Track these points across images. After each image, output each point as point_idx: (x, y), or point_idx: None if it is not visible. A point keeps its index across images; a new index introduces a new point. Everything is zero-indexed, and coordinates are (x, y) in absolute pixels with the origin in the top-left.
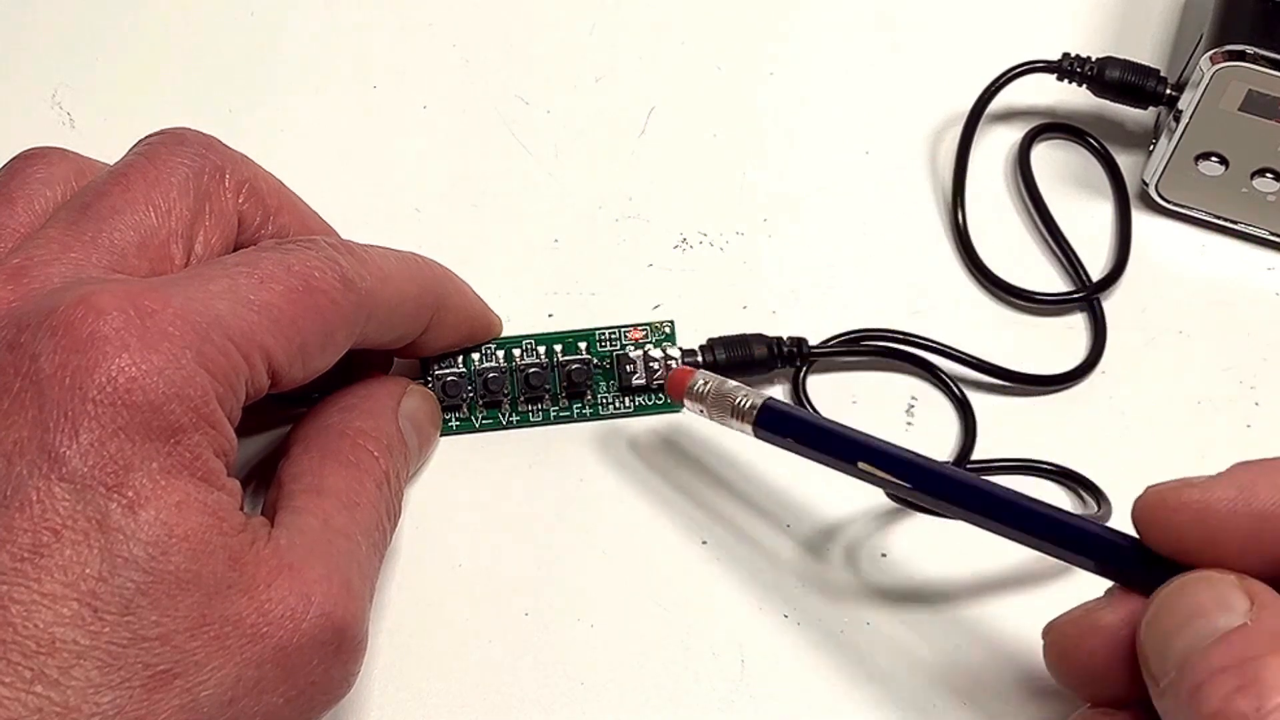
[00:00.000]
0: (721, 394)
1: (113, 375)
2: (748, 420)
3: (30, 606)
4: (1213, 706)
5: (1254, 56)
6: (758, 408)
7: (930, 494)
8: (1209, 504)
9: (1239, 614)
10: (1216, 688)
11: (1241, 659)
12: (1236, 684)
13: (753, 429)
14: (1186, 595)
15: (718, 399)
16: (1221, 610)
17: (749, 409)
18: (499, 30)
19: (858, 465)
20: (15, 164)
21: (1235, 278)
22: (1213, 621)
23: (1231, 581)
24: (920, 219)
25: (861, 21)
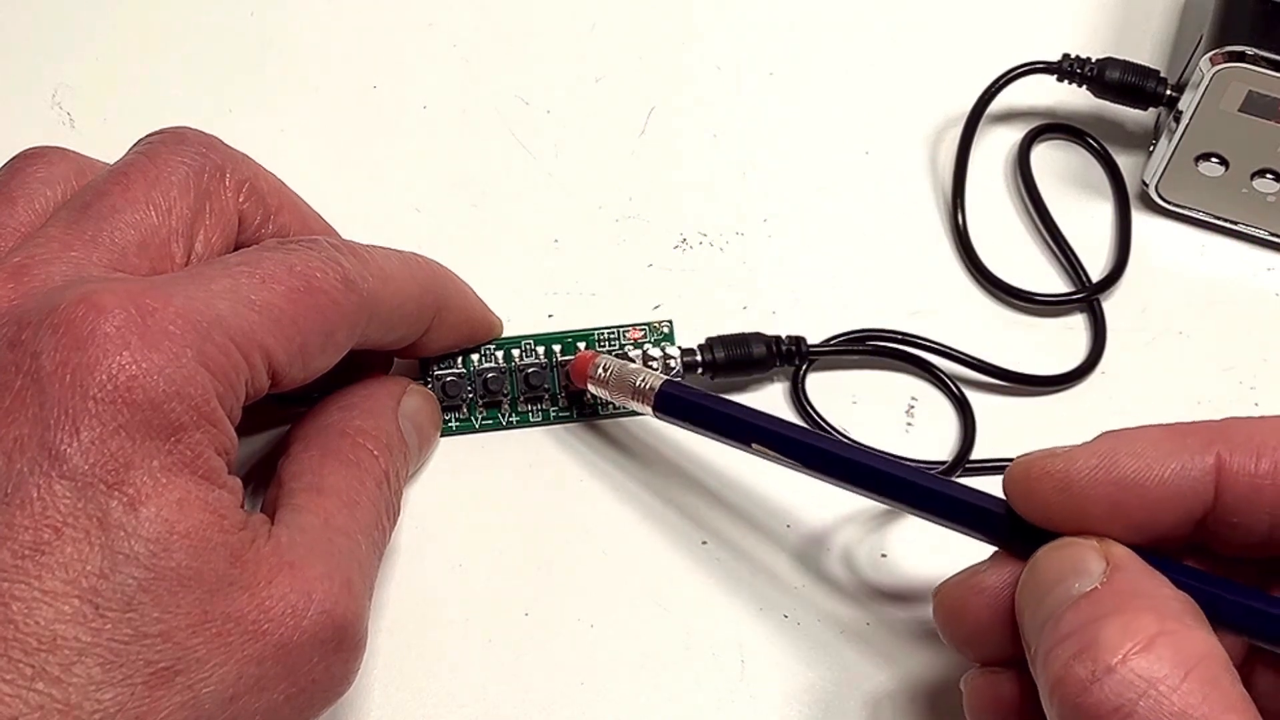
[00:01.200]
0: (622, 377)
1: (114, 373)
2: (648, 402)
3: (31, 604)
4: (1055, 674)
5: (1254, 57)
6: (656, 390)
7: (818, 470)
8: (1070, 473)
9: (1094, 576)
10: (1059, 654)
11: (1084, 623)
12: (1076, 649)
13: (652, 410)
14: (1049, 562)
15: (619, 382)
16: (1077, 575)
17: (648, 390)
18: (499, 30)
19: (751, 446)
20: (16, 163)
21: (1235, 278)
22: (1068, 587)
23: (1091, 545)
24: (920, 219)
25: (861, 22)
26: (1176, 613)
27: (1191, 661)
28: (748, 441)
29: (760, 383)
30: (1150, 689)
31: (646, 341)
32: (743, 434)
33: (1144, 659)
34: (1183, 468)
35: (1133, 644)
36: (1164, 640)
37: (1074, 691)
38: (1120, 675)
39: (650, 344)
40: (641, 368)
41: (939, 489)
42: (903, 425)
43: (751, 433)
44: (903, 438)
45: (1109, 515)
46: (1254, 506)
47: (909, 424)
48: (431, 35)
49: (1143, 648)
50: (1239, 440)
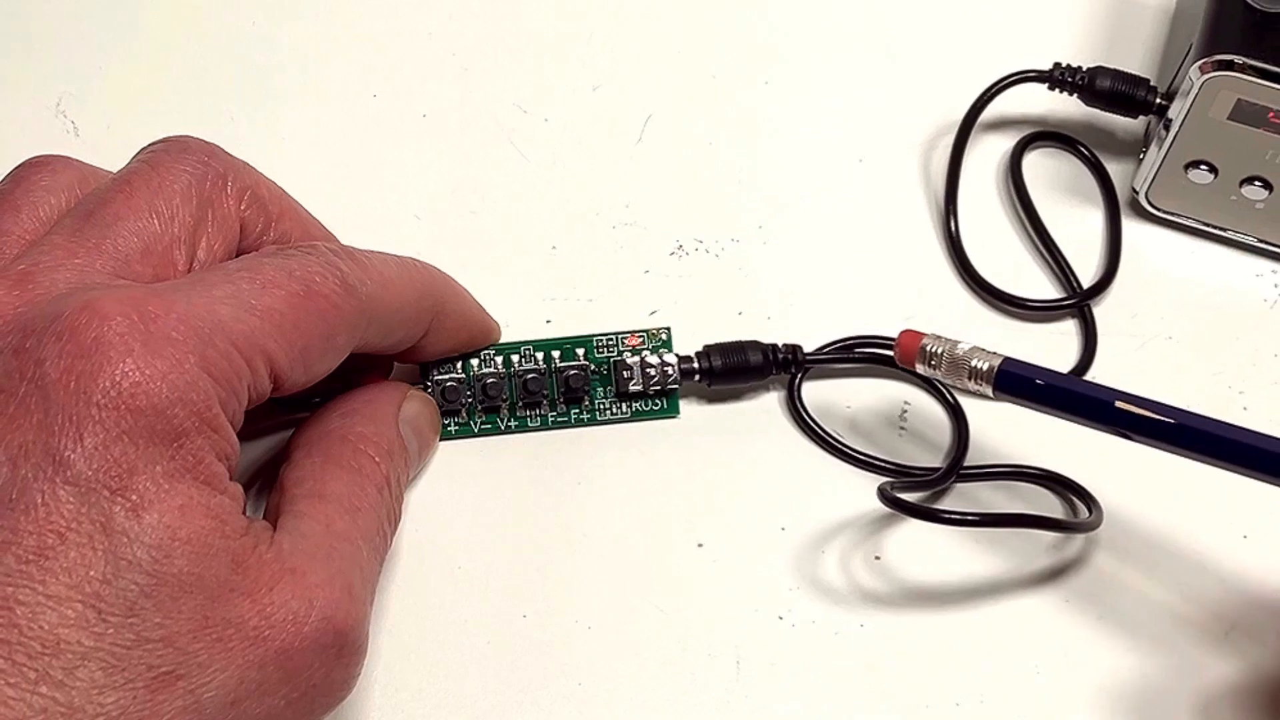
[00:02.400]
0: (954, 358)
1: (117, 380)
2: (987, 382)
3: (35, 608)
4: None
5: (1243, 66)
6: (995, 370)
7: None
8: None
9: None
10: None
11: None
12: None
13: (993, 390)
14: None
15: (951, 363)
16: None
17: (987, 371)
18: (498, 39)
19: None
20: (20, 171)
21: (1224, 284)
22: None
23: None
24: (913, 226)
25: (855, 31)
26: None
27: None
28: (1106, 420)
29: (757, 390)
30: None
31: (644, 348)
32: (1096, 412)
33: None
34: None
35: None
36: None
37: None
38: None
39: (648, 351)
40: (974, 347)
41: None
42: (896, 431)
43: (1106, 412)
44: (896, 444)
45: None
46: None
47: (902, 429)
48: (431, 45)
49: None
50: None
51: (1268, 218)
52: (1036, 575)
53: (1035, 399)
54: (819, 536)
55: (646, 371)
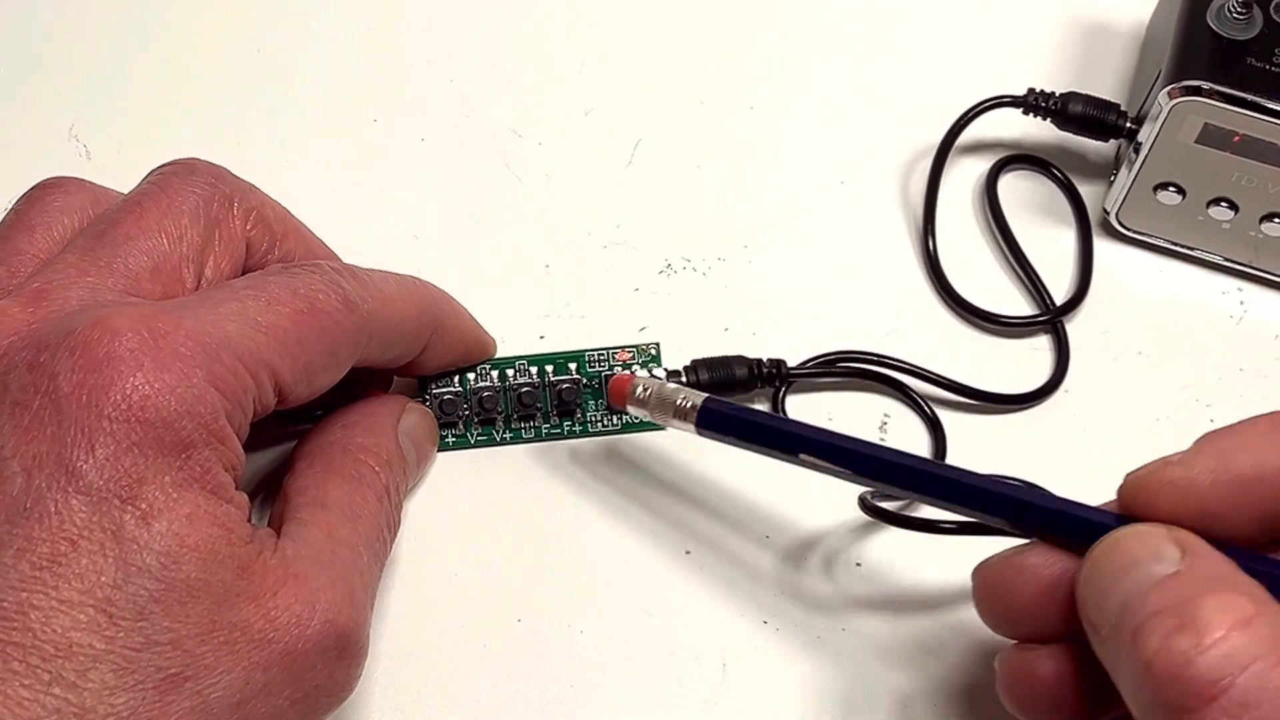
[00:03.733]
0: (662, 397)
1: (127, 393)
2: (690, 420)
3: (49, 613)
4: (1154, 646)
5: (1209, 91)
6: (699, 408)
7: (866, 477)
8: (1191, 479)
9: (1171, 562)
10: (1156, 627)
11: (1178, 601)
12: (1175, 623)
13: (695, 428)
14: (1121, 548)
15: (659, 402)
16: (1155, 559)
17: (690, 409)
18: (493, 67)
19: (799, 456)
20: (34, 193)
21: (1192, 301)
22: (1149, 569)
23: (1162, 533)
24: (893, 245)
25: (836, 59)
26: (1263, 597)
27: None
28: (795, 453)
29: (742, 403)
30: (1251, 663)
31: (635, 363)
32: (789, 445)
33: (1243, 635)
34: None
35: (1232, 620)
36: (1260, 620)
37: (1176, 663)
38: (1222, 649)
39: (638, 365)
40: (680, 386)
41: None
42: (876, 442)
43: (798, 444)
44: None
45: (1234, 512)
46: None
47: (882, 440)
48: (429, 71)
49: (1241, 626)
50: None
51: (1233, 237)
52: None
53: (734, 436)
54: (802, 544)
55: None
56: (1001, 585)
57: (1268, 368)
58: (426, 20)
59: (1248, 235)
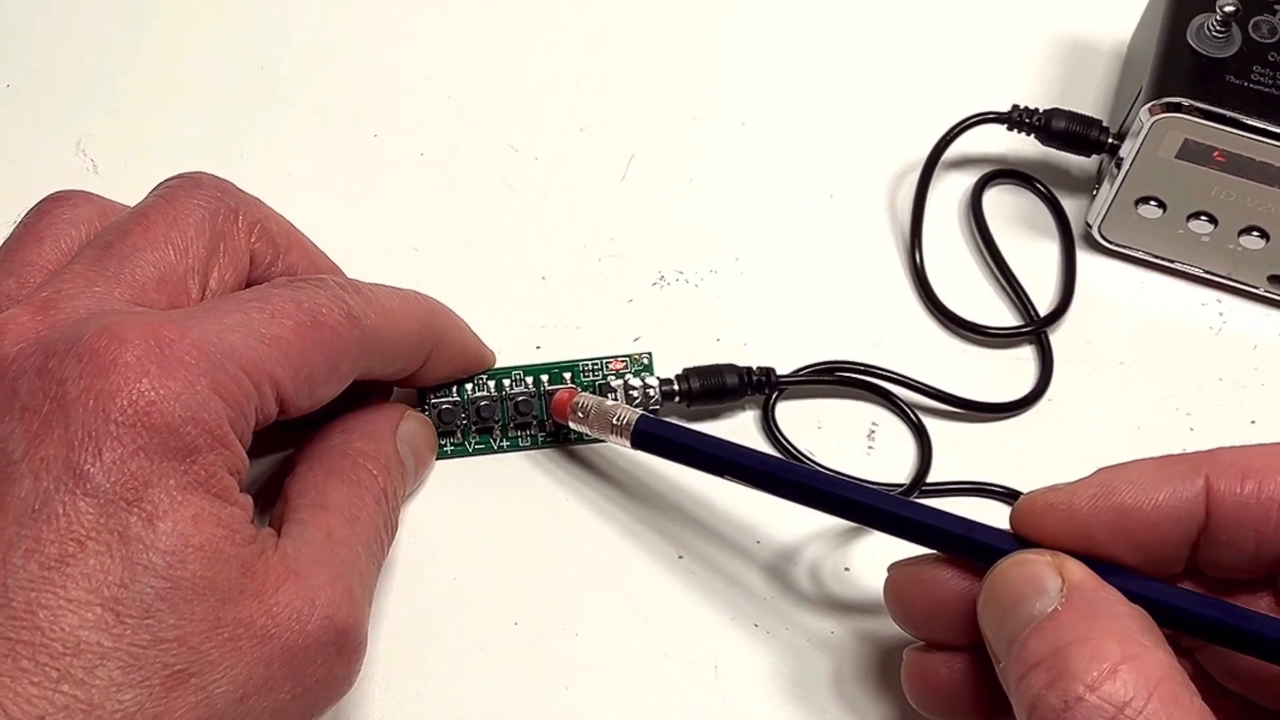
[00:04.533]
0: (600, 413)
1: (134, 399)
2: (625, 436)
3: (57, 611)
4: (1029, 701)
5: (1189, 108)
6: (633, 424)
7: (783, 494)
8: (1073, 504)
9: (1053, 596)
10: (1032, 683)
11: (1052, 650)
12: (1047, 679)
13: (630, 444)
14: (1009, 579)
15: (598, 418)
16: (1037, 594)
17: (625, 425)
18: (491, 83)
19: (725, 476)
20: (43, 205)
21: (1172, 313)
22: (1030, 607)
23: (1045, 562)
24: (881, 258)
25: (826, 76)
26: (1135, 633)
27: (1154, 683)
28: (719, 472)
29: (733, 410)
30: (1119, 713)
31: (628, 372)
32: (712, 465)
33: (1111, 684)
34: (1174, 491)
35: (1099, 671)
36: (1127, 665)
37: (1049, 718)
38: (1090, 702)
39: (631, 374)
40: (618, 404)
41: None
42: (864, 450)
43: (720, 464)
44: (864, 462)
45: (1111, 539)
46: (1241, 525)
47: (870, 448)
48: (428, 88)
49: (1109, 674)
50: (1224, 465)
51: (1212, 250)
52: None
53: (665, 453)
54: (791, 549)
55: (630, 394)
56: (908, 591)
57: (1246, 377)
58: (425, 38)
59: (1226, 248)
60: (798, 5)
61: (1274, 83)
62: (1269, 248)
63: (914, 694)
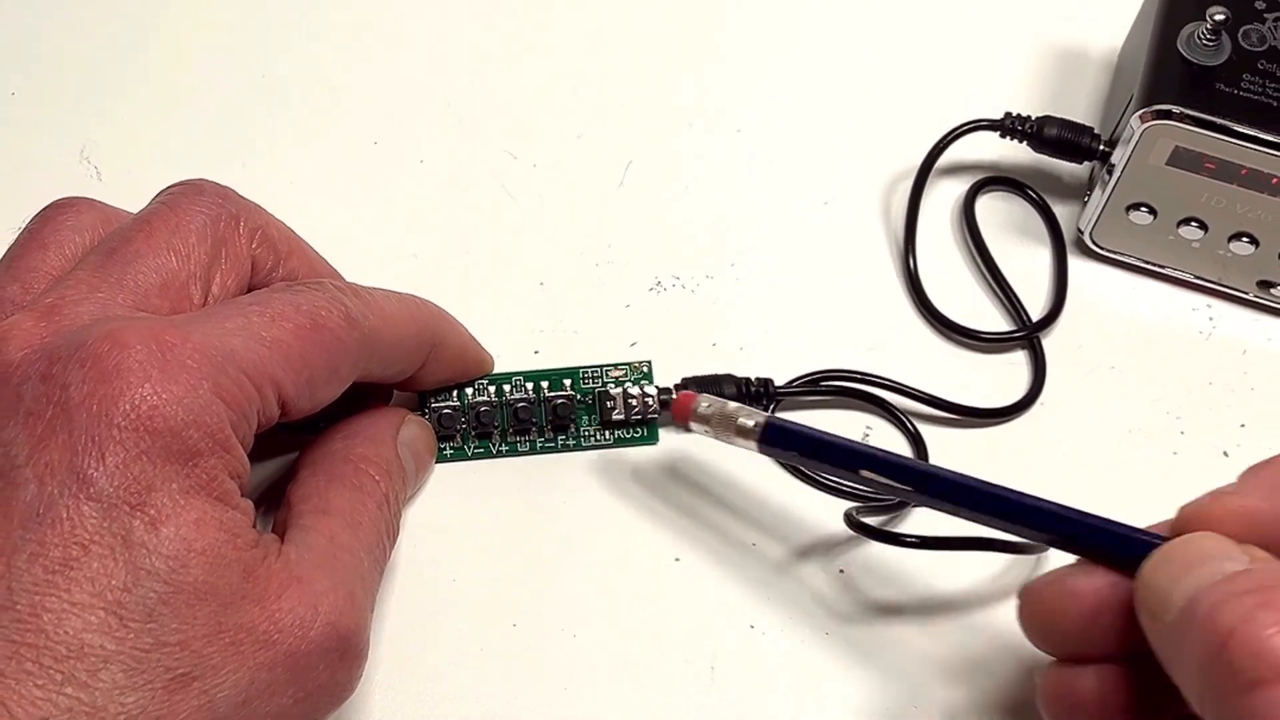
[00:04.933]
0: (725, 415)
1: (136, 403)
2: (752, 438)
3: (61, 615)
4: (1235, 619)
5: (1180, 115)
6: (762, 425)
7: (921, 494)
8: (1252, 505)
9: (1242, 562)
10: (1238, 605)
11: (1260, 585)
12: (1259, 600)
13: (758, 445)
14: (1192, 545)
15: (721, 420)
16: (1226, 557)
17: (753, 428)
18: (490, 91)
19: (859, 473)
20: (47, 212)
21: (1163, 317)
22: (1221, 564)
23: (1224, 539)
24: (875, 264)
25: (821, 83)
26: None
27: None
28: (856, 469)
29: None
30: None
31: (627, 380)
32: (850, 463)
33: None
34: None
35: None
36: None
37: (1258, 636)
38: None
39: (630, 382)
40: (741, 405)
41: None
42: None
43: (859, 460)
44: None
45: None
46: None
47: None
48: (428, 96)
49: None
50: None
51: (1203, 256)
52: (989, 592)
53: (796, 452)
54: (787, 552)
55: (629, 402)
56: (1048, 607)
57: (1235, 381)
58: (425, 47)
59: (1216, 254)
60: (793, 15)
61: (1264, 90)
62: (1258, 253)
63: (1056, 714)
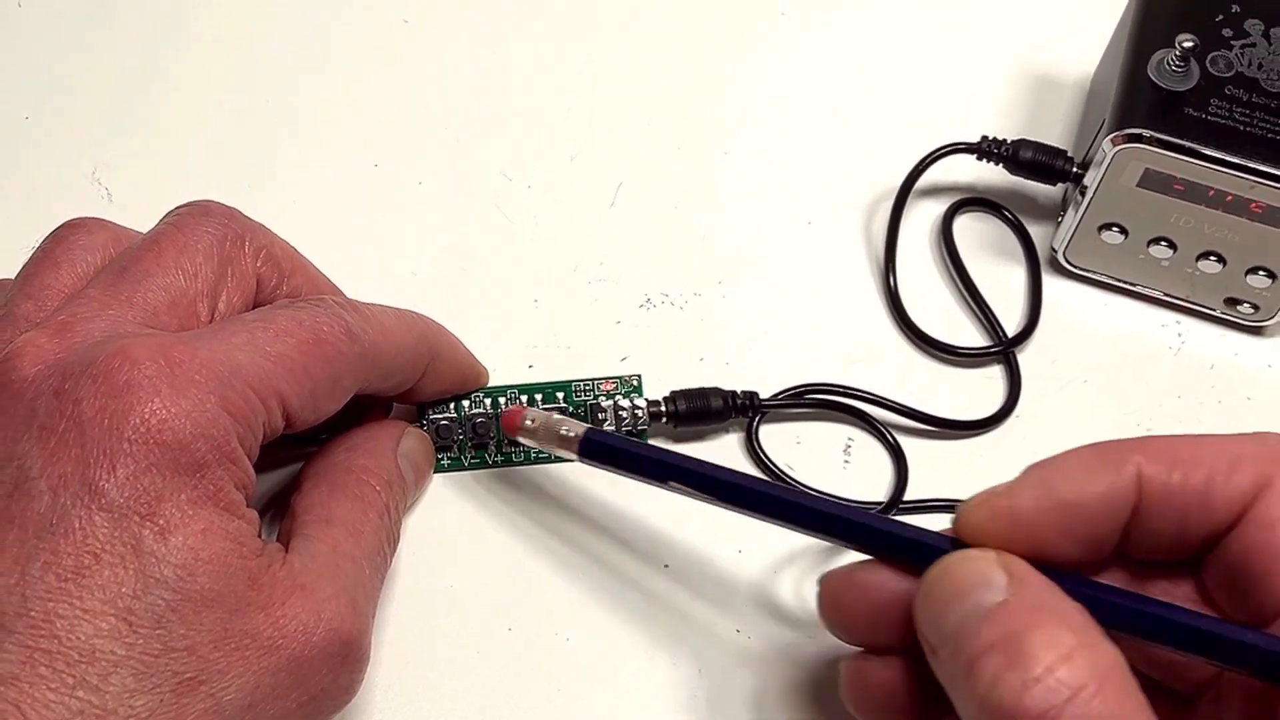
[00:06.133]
0: (548, 427)
1: (146, 417)
2: (573, 448)
3: (73, 621)
4: (987, 681)
5: (1150, 139)
6: (581, 437)
7: (732, 504)
8: (1016, 507)
9: (999, 589)
10: (988, 664)
11: (1007, 635)
12: (1004, 661)
13: (578, 456)
14: (953, 573)
15: (546, 432)
16: (984, 587)
17: (573, 439)
18: (486, 115)
19: (668, 484)
20: (60, 232)
21: (1134, 334)
22: (978, 598)
23: (991, 559)
24: (856, 281)
25: (804, 108)
26: (1082, 625)
27: (1104, 671)
28: (665, 480)
29: (717, 432)
30: (1074, 695)
31: (618, 393)
32: (659, 474)
33: (1067, 669)
34: (1111, 481)
35: (1056, 655)
36: (1081, 652)
37: (1009, 699)
38: (1048, 683)
39: (621, 395)
40: (564, 418)
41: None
42: (840, 465)
43: (668, 472)
44: (840, 477)
45: (1058, 536)
46: (1166, 511)
47: (845, 462)
48: (426, 119)
49: (1065, 658)
50: (1155, 453)
51: (1172, 274)
52: None
53: (611, 464)
54: (772, 559)
55: (619, 414)
56: (842, 599)
57: (1203, 395)
58: (424, 75)
59: (1185, 272)
60: (778, 44)
61: (1230, 115)
62: (1225, 272)
63: (853, 700)
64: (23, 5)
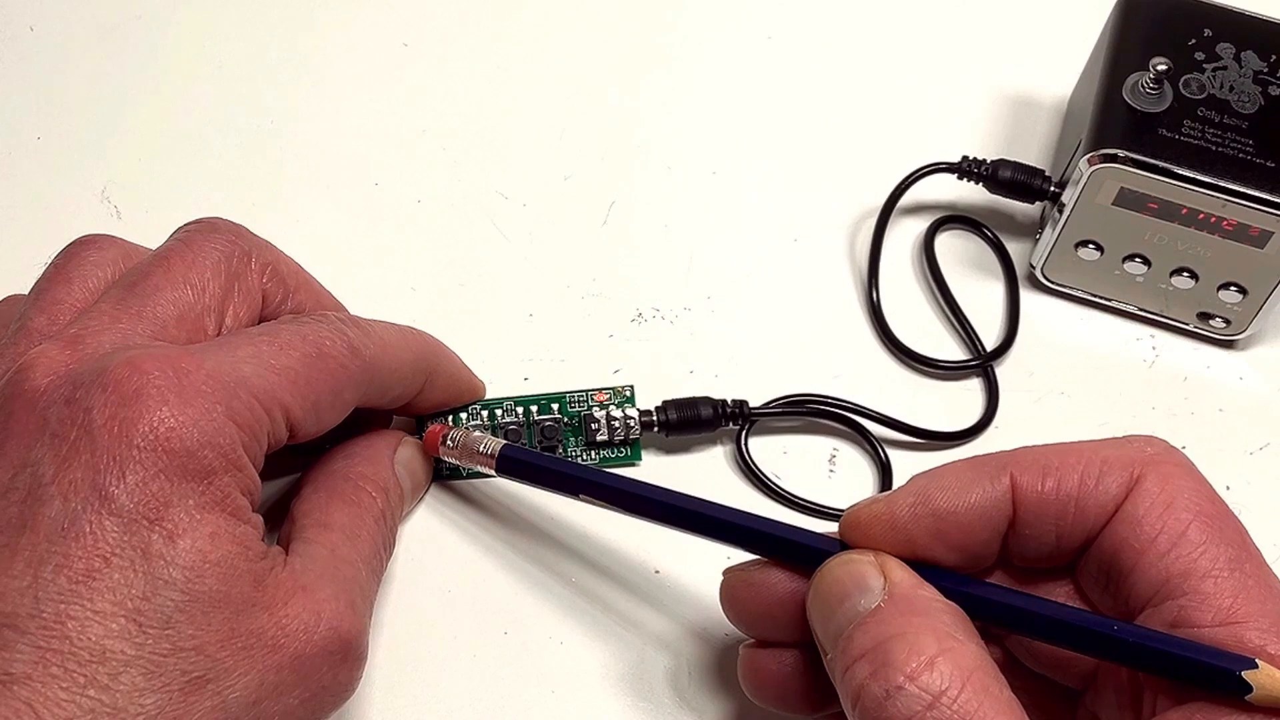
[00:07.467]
0: (466, 445)
1: (154, 425)
2: (490, 464)
3: (84, 622)
4: (854, 690)
5: (1125, 159)
6: (497, 453)
7: (637, 513)
8: (893, 514)
9: (876, 593)
10: (856, 674)
11: (874, 644)
12: (870, 670)
13: (495, 471)
14: (832, 578)
15: (465, 448)
16: (861, 591)
17: (490, 455)
18: (482, 135)
19: (579, 496)
20: (71, 249)
21: (1109, 347)
22: (855, 603)
23: (869, 562)
24: (841, 297)
25: (791, 129)
26: (950, 628)
27: (967, 674)
28: (575, 493)
29: (707, 442)
30: (936, 701)
31: (611, 403)
32: (570, 487)
33: (928, 675)
34: (984, 491)
35: (917, 663)
36: (943, 657)
37: (873, 706)
38: (910, 691)
39: (614, 406)
40: (484, 435)
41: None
42: (825, 473)
43: (578, 485)
44: (826, 485)
45: (930, 542)
46: (1042, 519)
47: (831, 471)
48: (425, 140)
49: (926, 665)
50: (1027, 463)
51: (1146, 290)
52: None
53: (525, 478)
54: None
55: (612, 424)
56: (740, 594)
57: (1177, 406)
58: (422, 96)
59: (1159, 288)
60: (765, 67)
61: (1203, 136)
62: (1198, 287)
63: (749, 687)
64: (35, 29)
